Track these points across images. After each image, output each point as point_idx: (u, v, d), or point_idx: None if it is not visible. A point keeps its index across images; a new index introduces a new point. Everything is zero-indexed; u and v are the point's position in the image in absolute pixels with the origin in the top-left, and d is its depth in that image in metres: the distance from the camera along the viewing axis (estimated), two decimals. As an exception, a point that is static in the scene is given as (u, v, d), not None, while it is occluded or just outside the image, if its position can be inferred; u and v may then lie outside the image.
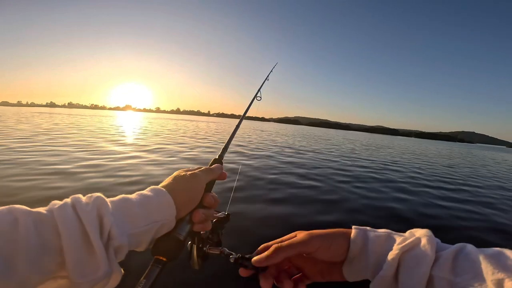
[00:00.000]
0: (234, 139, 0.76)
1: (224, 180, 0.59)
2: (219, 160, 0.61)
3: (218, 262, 0.61)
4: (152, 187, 0.46)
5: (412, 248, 0.37)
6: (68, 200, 0.37)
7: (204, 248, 0.53)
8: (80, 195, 0.39)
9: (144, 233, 0.41)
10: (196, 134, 15.26)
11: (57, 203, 0.36)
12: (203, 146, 9.28)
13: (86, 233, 0.34)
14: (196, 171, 0.52)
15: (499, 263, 0.30)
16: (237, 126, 0.84)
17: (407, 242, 0.38)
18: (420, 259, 0.36)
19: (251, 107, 1.04)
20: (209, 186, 0.53)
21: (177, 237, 0.45)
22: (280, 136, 19.65)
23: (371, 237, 0.42)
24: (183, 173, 0.51)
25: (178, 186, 0.47)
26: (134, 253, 0.45)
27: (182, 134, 14.06)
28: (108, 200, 0.40)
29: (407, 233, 0.41)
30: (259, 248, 0.46)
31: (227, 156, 0.88)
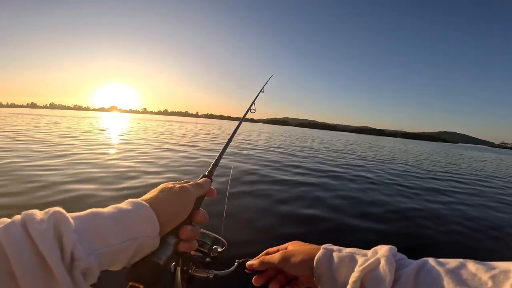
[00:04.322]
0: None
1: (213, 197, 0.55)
2: (208, 176, 0.57)
3: (205, 286, 0.55)
4: (129, 200, 0.40)
5: (372, 269, 0.37)
6: (17, 216, 0.30)
7: (190, 271, 0.50)
8: (34, 211, 0.31)
9: (119, 252, 0.35)
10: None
11: (4, 221, 0.29)
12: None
13: (42, 255, 0.28)
14: (185, 184, 0.48)
15: (460, 278, 0.31)
16: (230, 140, 0.75)
17: (366, 264, 0.38)
18: (379, 281, 0.35)
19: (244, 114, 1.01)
20: (198, 202, 0.49)
21: (155, 262, 0.39)
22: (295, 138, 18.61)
23: (335, 259, 0.43)
24: (171, 185, 0.47)
25: (164, 199, 0.43)
26: (108, 276, 0.39)
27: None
28: (71, 215, 0.33)
29: (370, 252, 0.41)
30: (263, 252, 0.54)
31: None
